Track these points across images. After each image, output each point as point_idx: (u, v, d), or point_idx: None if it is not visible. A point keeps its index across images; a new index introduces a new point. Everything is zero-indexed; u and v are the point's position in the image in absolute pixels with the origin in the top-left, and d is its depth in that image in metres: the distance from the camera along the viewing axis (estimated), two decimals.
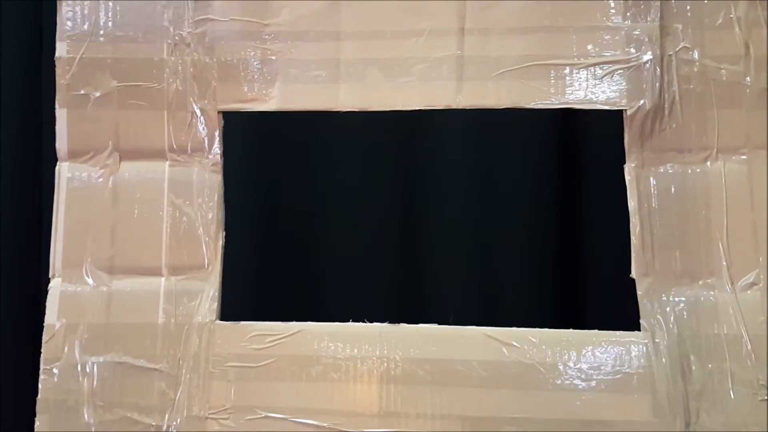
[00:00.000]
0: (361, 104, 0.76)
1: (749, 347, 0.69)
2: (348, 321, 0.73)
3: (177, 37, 0.77)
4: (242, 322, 0.74)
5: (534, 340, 0.70)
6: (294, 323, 0.73)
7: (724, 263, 0.71)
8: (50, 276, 0.77)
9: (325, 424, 0.70)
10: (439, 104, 0.74)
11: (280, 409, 0.71)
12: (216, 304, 0.74)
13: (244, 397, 0.72)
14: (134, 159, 0.78)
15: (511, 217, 0.96)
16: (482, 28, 0.75)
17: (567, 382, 0.69)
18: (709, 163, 0.72)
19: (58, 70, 0.78)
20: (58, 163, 0.78)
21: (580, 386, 0.69)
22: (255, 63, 0.76)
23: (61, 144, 0.78)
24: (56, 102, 0.78)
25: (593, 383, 0.69)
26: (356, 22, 0.76)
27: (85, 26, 0.78)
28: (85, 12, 0.78)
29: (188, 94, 0.77)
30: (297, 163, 0.98)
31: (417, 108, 0.74)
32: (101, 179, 0.77)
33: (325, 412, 0.70)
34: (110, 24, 0.78)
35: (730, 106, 0.72)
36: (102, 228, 0.77)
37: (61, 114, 0.78)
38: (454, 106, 0.74)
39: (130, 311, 0.75)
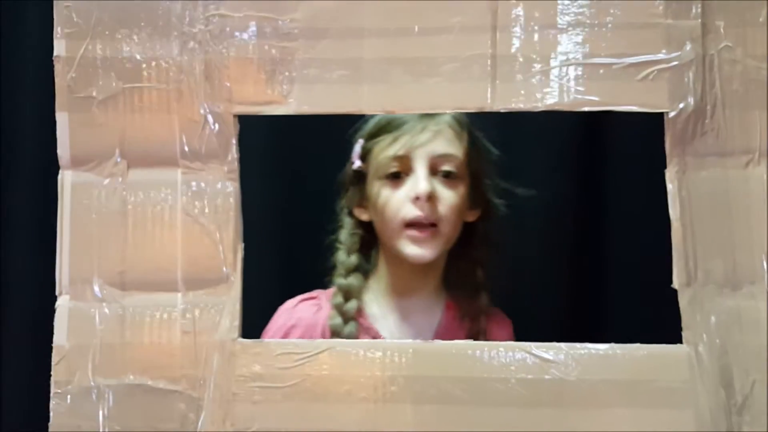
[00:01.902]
0: (386, 106, 0.72)
1: None
2: None
3: (187, 35, 0.72)
4: (267, 340, 0.70)
5: (574, 354, 0.68)
6: (321, 341, 0.70)
7: (767, 271, 0.68)
8: (57, 293, 0.72)
9: None
10: (471, 107, 0.70)
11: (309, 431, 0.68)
12: (237, 320, 0.70)
13: (271, 419, 0.68)
14: (143, 166, 0.72)
15: (532, 222, 0.93)
16: (516, 24, 0.70)
17: (609, 398, 0.67)
18: (751, 167, 0.70)
19: (58, 71, 0.72)
20: (60, 171, 0.73)
21: (622, 402, 0.67)
22: (272, 62, 0.71)
23: (63, 151, 0.73)
24: (56, 105, 0.72)
25: (635, 398, 0.67)
26: (380, 18, 0.71)
27: (85, 22, 0.72)
28: (85, 6, 0.72)
29: (200, 96, 0.72)
30: (316, 164, 0.93)
31: (447, 111, 0.70)
32: (108, 189, 0.72)
33: None
34: (113, 20, 0.72)
35: None
36: (111, 241, 0.72)
37: (62, 118, 0.72)
38: (488, 109, 0.70)
39: (145, 330, 0.71)
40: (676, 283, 0.68)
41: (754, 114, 0.70)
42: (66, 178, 0.72)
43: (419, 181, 0.83)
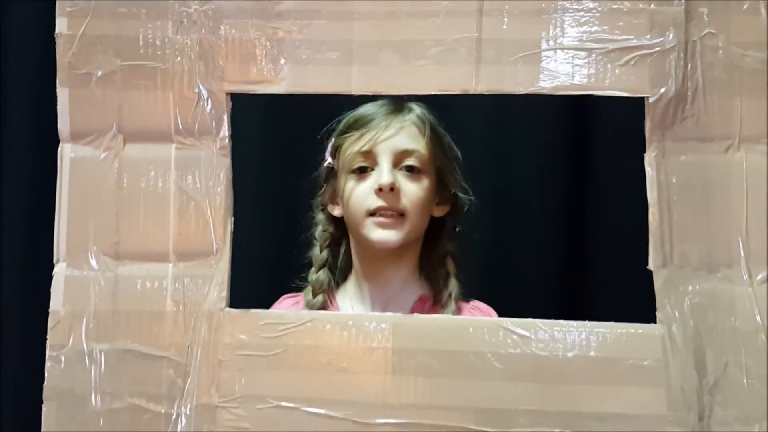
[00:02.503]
0: (375, 87, 0.73)
1: (765, 340, 0.68)
2: None
3: (183, 14, 0.74)
4: (253, 310, 0.73)
5: (549, 331, 0.70)
6: (305, 312, 0.72)
7: (743, 255, 0.70)
8: (54, 261, 0.75)
9: (337, 414, 0.69)
10: (456, 89, 0.72)
11: (291, 399, 0.70)
12: (225, 291, 0.73)
13: (255, 386, 0.71)
14: (139, 141, 0.75)
15: (522, 206, 0.94)
16: (501, 9, 0.72)
17: (582, 374, 0.69)
18: (730, 152, 0.71)
19: (59, 48, 0.75)
20: (60, 144, 0.76)
21: (595, 379, 0.68)
22: (264, 42, 0.74)
23: (63, 125, 0.75)
24: (57, 81, 0.75)
25: (608, 376, 0.69)
26: (370, 1, 0.73)
27: (86, 1, 0.75)
28: None
29: (195, 74, 0.74)
30: (306, 145, 0.95)
31: (433, 93, 0.72)
32: (105, 162, 0.75)
33: (338, 402, 0.70)
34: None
35: (755, 95, 0.71)
36: (107, 213, 0.75)
37: (62, 94, 0.75)
38: (471, 91, 0.72)
39: (137, 298, 0.74)
40: (651, 265, 0.70)
41: (735, 100, 0.71)
42: (66, 152, 0.75)
43: (382, 174, 0.86)
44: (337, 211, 0.92)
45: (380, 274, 0.91)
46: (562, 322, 0.70)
